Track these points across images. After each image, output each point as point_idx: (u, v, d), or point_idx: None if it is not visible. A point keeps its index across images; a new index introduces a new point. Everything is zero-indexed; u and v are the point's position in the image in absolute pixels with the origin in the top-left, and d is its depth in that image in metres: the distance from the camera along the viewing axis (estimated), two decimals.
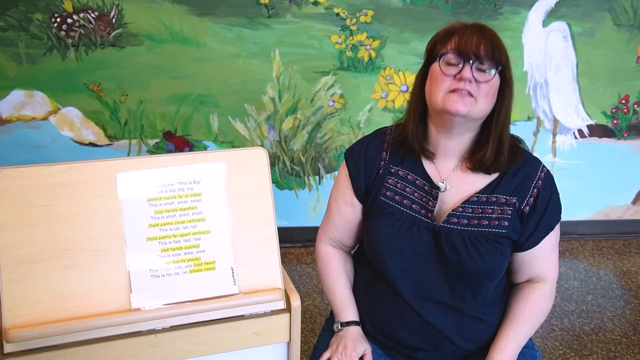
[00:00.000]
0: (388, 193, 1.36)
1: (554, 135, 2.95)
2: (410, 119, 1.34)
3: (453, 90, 1.23)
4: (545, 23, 2.73)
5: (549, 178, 1.35)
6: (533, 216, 1.32)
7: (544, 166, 1.36)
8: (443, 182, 1.34)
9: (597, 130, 2.96)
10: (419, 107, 1.33)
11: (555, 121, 2.92)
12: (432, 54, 1.29)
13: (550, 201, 1.33)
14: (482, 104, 1.25)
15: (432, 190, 1.33)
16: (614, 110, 2.93)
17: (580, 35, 2.77)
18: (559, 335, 2.36)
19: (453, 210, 1.31)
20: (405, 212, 1.34)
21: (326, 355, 1.35)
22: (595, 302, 2.59)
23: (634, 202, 3.12)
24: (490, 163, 1.31)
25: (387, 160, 1.37)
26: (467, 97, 1.23)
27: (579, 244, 3.07)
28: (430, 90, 1.28)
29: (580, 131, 2.95)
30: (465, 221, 1.31)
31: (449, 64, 1.24)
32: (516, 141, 1.35)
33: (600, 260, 2.95)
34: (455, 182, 1.34)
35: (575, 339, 2.34)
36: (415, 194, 1.34)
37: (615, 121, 2.95)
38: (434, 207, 1.32)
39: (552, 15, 2.72)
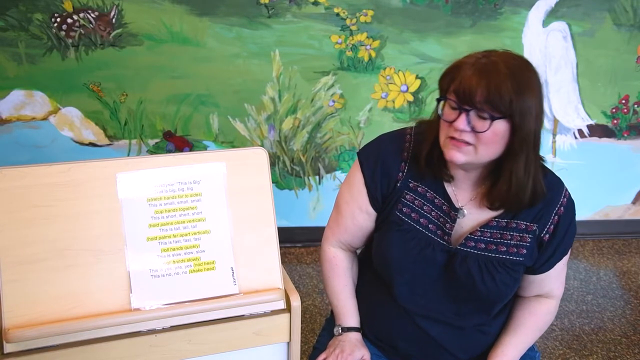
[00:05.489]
0: (404, 209, 1.30)
1: (554, 135, 2.95)
2: (424, 146, 1.27)
3: (450, 137, 1.17)
4: (545, 23, 2.73)
5: (570, 204, 1.30)
6: (551, 244, 1.29)
7: (566, 190, 1.31)
8: (462, 209, 1.29)
9: (597, 130, 2.96)
10: (432, 136, 1.25)
11: (555, 121, 2.92)
12: (442, 86, 1.22)
13: (569, 228, 1.30)
14: (483, 152, 1.17)
15: (451, 212, 1.28)
16: (614, 110, 2.93)
17: (580, 35, 2.77)
18: (559, 335, 2.36)
19: (471, 234, 1.27)
20: (421, 231, 1.29)
21: (322, 356, 1.35)
22: (595, 302, 2.59)
23: (634, 202, 3.12)
24: (508, 206, 1.24)
25: (405, 173, 1.31)
26: (464, 146, 1.16)
27: (579, 244, 3.07)
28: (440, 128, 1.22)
29: (580, 131, 2.95)
30: (483, 245, 1.27)
31: (451, 107, 1.17)
32: (540, 176, 1.24)
33: (600, 260, 2.95)
34: (473, 209, 1.29)
35: (575, 339, 2.34)
36: (433, 213, 1.29)
37: (615, 121, 2.95)
38: (451, 230, 1.28)
39: (552, 15, 2.72)
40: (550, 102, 2.87)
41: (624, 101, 2.92)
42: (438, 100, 1.20)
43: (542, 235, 1.28)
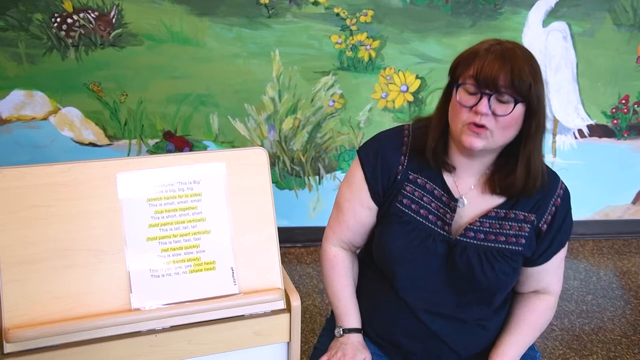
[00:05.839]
0: (405, 201, 1.32)
1: (554, 135, 2.95)
2: (430, 135, 1.29)
3: (470, 123, 1.19)
4: (545, 23, 2.73)
5: (566, 195, 1.33)
6: (548, 234, 1.31)
7: (562, 183, 1.34)
8: (462, 197, 1.31)
9: (597, 130, 2.96)
10: (441, 124, 1.28)
11: (555, 121, 2.92)
12: (454, 75, 1.24)
13: (565, 219, 1.32)
14: (499, 136, 1.20)
15: (451, 202, 1.30)
16: (614, 110, 2.93)
17: (580, 35, 2.77)
18: (559, 335, 2.36)
19: (470, 224, 1.29)
20: (422, 222, 1.30)
21: (323, 359, 1.35)
22: (595, 302, 2.59)
23: (634, 202, 3.12)
24: (519, 191, 1.27)
25: (405, 165, 1.33)
26: (483, 131, 1.19)
27: (579, 244, 3.07)
28: (451, 116, 1.24)
29: (580, 131, 2.95)
30: (482, 236, 1.29)
31: (468, 92, 1.19)
32: (544, 164, 1.29)
33: (600, 260, 2.95)
34: (474, 197, 1.31)
35: (575, 339, 2.34)
36: (433, 204, 1.31)
37: (615, 121, 2.95)
38: (451, 221, 1.29)
39: (552, 15, 2.72)
40: (550, 102, 2.87)
41: (624, 101, 2.92)
42: (456, 87, 1.21)
43: (540, 225, 1.30)
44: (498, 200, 1.31)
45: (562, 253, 1.35)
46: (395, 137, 1.36)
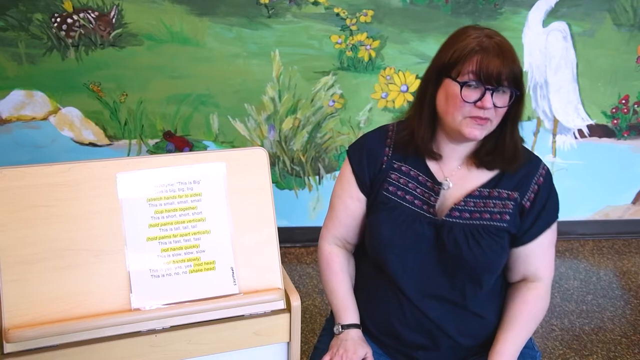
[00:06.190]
0: (390, 188, 1.36)
1: (554, 135, 2.95)
2: (420, 124, 1.33)
3: (473, 117, 1.25)
4: (545, 23, 2.73)
5: (548, 176, 1.37)
6: (532, 211, 1.34)
7: (544, 164, 1.39)
8: (446, 180, 1.35)
9: (597, 130, 2.96)
10: (429, 112, 1.32)
11: (555, 121, 2.92)
12: (447, 67, 1.27)
13: (549, 198, 1.35)
14: (494, 124, 1.28)
15: (435, 186, 1.34)
16: (614, 110, 2.93)
17: (580, 35, 2.77)
18: (559, 335, 2.36)
19: (455, 204, 1.33)
20: (408, 207, 1.35)
21: (326, 358, 1.35)
22: (595, 302, 2.59)
23: (634, 202, 3.12)
24: (505, 164, 1.34)
25: (389, 156, 1.38)
26: (486, 123, 1.26)
27: (579, 244, 3.07)
28: (446, 109, 1.27)
29: (580, 131, 2.95)
30: (467, 215, 1.32)
31: (470, 87, 1.24)
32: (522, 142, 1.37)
33: (600, 260, 2.95)
34: (458, 179, 1.35)
35: (575, 339, 2.34)
36: (418, 190, 1.35)
37: (615, 121, 2.95)
38: (436, 203, 1.33)
39: (552, 15, 2.72)
40: (550, 102, 2.87)
41: (624, 101, 2.92)
42: (461, 85, 1.24)
43: (524, 202, 1.34)
44: (482, 179, 1.35)
45: (550, 236, 1.37)
46: (381, 133, 1.43)
